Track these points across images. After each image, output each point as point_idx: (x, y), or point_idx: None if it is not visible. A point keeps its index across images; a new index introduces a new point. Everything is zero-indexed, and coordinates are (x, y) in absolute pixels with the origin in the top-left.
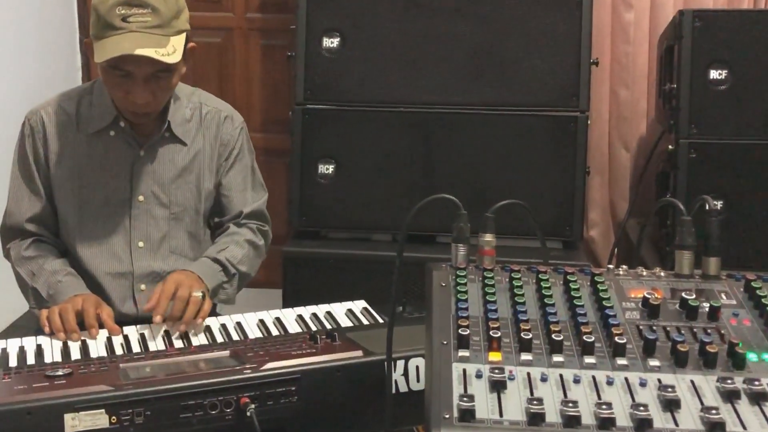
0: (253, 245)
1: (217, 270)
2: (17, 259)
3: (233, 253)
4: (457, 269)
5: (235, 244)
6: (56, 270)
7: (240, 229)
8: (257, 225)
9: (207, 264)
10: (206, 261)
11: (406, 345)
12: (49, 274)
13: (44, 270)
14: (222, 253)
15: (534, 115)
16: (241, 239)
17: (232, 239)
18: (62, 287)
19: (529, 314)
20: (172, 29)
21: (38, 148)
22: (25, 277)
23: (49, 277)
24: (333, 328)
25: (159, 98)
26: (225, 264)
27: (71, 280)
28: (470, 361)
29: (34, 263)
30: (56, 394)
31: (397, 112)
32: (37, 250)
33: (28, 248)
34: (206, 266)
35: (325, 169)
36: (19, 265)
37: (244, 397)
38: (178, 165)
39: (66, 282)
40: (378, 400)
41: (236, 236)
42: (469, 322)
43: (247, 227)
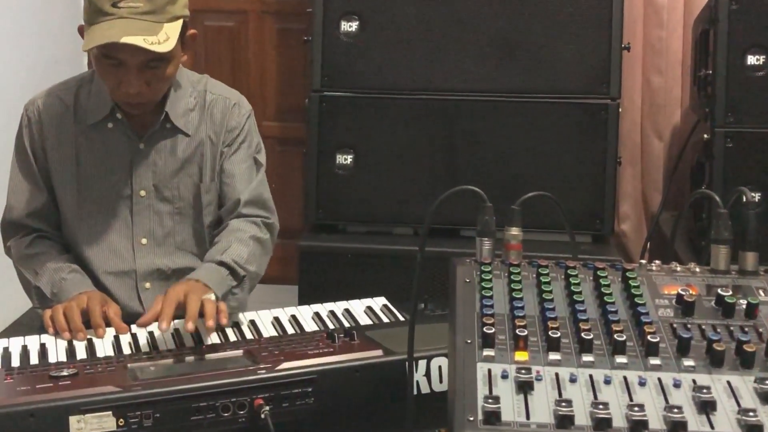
0: (258, 241)
1: (224, 274)
2: (19, 257)
3: (238, 252)
4: (482, 264)
5: (239, 242)
6: (60, 267)
7: (241, 224)
8: (261, 218)
9: (213, 269)
10: (211, 266)
11: (429, 344)
12: (53, 271)
13: (47, 268)
14: (227, 255)
15: (562, 102)
16: (245, 236)
17: (235, 237)
18: (66, 285)
19: (558, 312)
20: (166, 15)
21: (35, 140)
22: (27, 275)
23: (53, 275)
24: (351, 327)
25: (154, 88)
26: (232, 266)
27: (76, 277)
28: (495, 360)
29: (36, 261)
30: (61, 396)
31: (419, 100)
32: (40, 247)
33: (30, 245)
34: (212, 272)
35: (343, 160)
36: (21, 263)
37: (259, 398)
38: (180, 157)
39: (70, 279)
40: (399, 401)
41: (239, 233)
42: (494, 320)
43: (250, 221)
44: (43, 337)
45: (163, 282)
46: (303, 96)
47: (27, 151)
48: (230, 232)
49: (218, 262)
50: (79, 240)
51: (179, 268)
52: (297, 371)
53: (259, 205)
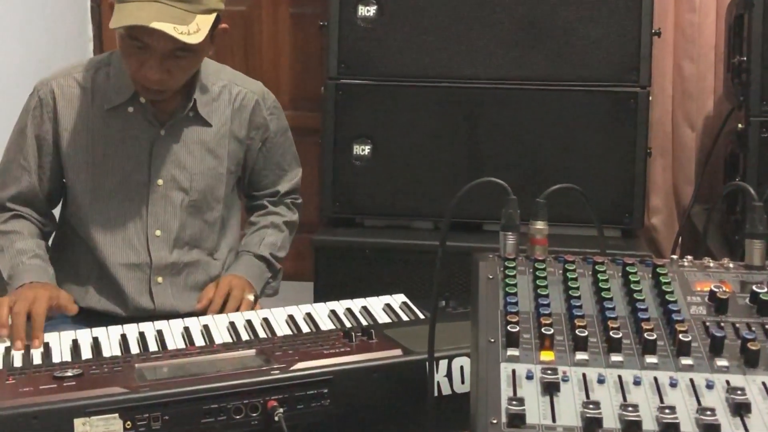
0: (290, 225)
1: (263, 269)
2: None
3: (274, 240)
4: (506, 260)
5: (275, 228)
6: (23, 249)
7: (277, 209)
8: (292, 199)
9: (255, 265)
10: (251, 260)
11: (450, 343)
12: (15, 253)
13: (13, 248)
14: (264, 247)
15: (590, 90)
16: (280, 221)
17: (271, 221)
18: (21, 270)
19: (585, 309)
20: (201, 6)
21: (45, 123)
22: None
23: (14, 257)
24: (369, 325)
25: (175, 78)
26: (269, 260)
27: (35, 264)
28: (520, 360)
29: (6, 239)
30: (65, 397)
31: (440, 88)
32: (15, 225)
33: (6, 222)
34: (253, 267)
35: (361, 150)
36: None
37: (272, 400)
38: (202, 147)
39: (28, 265)
40: (419, 403)
41: (274, 217)
42: (518, 318)
43: (283, 204)
44: (46, 336)
45: (176, 277)
46: (318, 84)
47: (28, 133)
48: (266, 215)
49: (258, 256)
50: (92, 229)
51: (190, 263)
52: (312, 372)
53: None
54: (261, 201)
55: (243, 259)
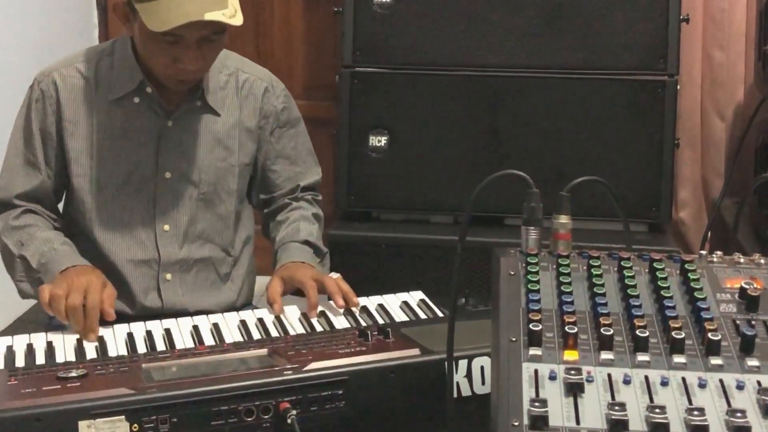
0: (318, 218)
1: (311, 253)
2: (5, 229)
3: (310, 231)
4: (528, 255)
5: (306, 221)
6: (49, 237)
7: (301, 203)
8: (312, 195)
9: (303, 249)
10: (298, 246)
11: (470, 342)
12: (42, 241)
13: (35, 237)
14: (303, 234)
15: (616, 79)
16: (308, 213)
17: (300, 215)
18: (56, 256)
19: (610, 307)
20: None
21: (48, 115)
22: (11, 246)
23: (42, 245)
24: (386, 323)
25: (209, 63)
26: (315, 244)
27: (67, 249)
28: (543, 360)
29: (23, 232)
30: (69, 398)
31: (459, 76)
32: (29, 219)
33: (18, 218)
34: (304, 252)
35: (377, 142)
36: (6, 235)
37: (284, 401)
38: (211, 138)
39: (61, 251)
40: (437, 405)
41: (301, 211)
42: (541, 316)
43: (305, 200)
44: (50, 335)
45: (185, 274)
46: (333, 72)
47: (33, 128)
48: (292, 210)
49: (302, 241)
50: (97, 225)
51: (201, 259)
52: (326, 372)
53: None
54: (281, 201)
55: (289, 248)
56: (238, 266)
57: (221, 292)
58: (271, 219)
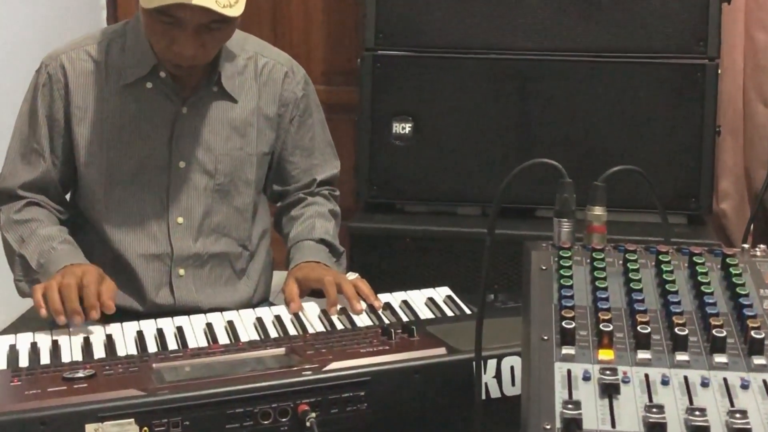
0: (335, 216)
1: (327, 252)
2: (6, 222)
3: (326, 228)
4: (561, 249)
5: (321, 218)
6: (50, 235)
7: (317, 199)
8: (329, 190)
9: (318, 249)
10: (312, 245)
11: (499, 341)
12: (42, 240)
13: (36, 235)
14: (318, 232)
15: (653, 63)
16: (324, 210)
17: (316, 211)
18: (55, 256)
19: (648, 303)
20: None
21: (55, 101)
22: (12, 243)
23: (41, 244)
24: (410, 321)
25: (209, 51)
26: (331, 243)
27: (68, 248)
28: (576, 360)
29: (25, 227)
30: (76, 400)
31: (488, 60)
32: (31, 213)
33: (21, 211)
34: (319, 252)
35: (401, 129)
36: (7, 229)
37: (303, 403)
38: (228, 126)
39: (61, 250)
40: (464, 407)
41: (317, 207)
42: (574, 313)
43: (321, 195)
44: (55, 334)
45: (199, 269)
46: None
47: (39, 114)
48: (307, 206)
49: (317, 239)
50: (107, 217)
51: (216, 254)
52: (347, 372)
53: (331, 183)
54: (296, 195)
55: (304, 246)
56: (254, 261)
57: (237, 289)
58: (284, 214)
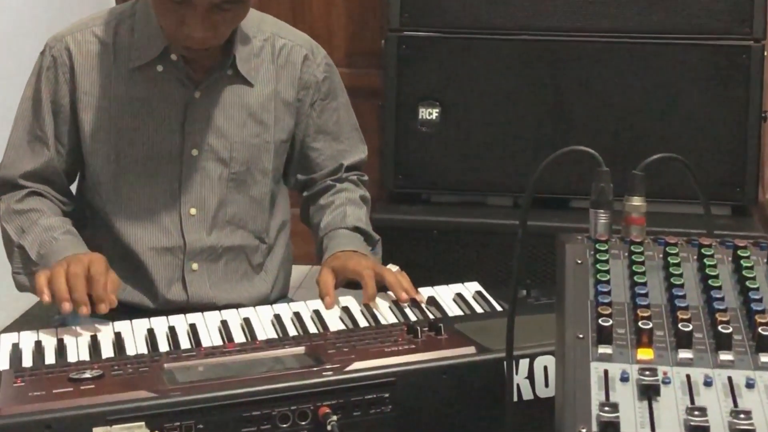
0: (366, 202)
1: (362, 240)
2: (6, 213)
3: (358, 215)
4: (597, 242)
5: (353, 204)
6: (52, 226)
7: (346, 185)
8: (357, 175)
9: (354, 237)
10: (347, 233)
11: (532, 339)
12: (43, 230)
13: (37, 225)
14: (351, 220)
15: (694, 44)
16: (355, 196)
17: (346, 197)
18: (57, 246)
19: (689, 300)
20: None
21: (61, 85)
22: (11, 233)
23: (42, 234)
24: (437, 318)
25: (221, 33)
26: (366, 231)
27: (70, 239)
28: (613, 359)
29: (25, 217)
30: (83, 402)
31: (520, 41)
32: (33, 203)
33: (22, 201)
34: (355, 240)
35: (428, 114)
36: (7, 219)
37: (324, 406)
38: (244, 111)
39: (63, 241)
40: (495, 409)
41: (347, 193)
42: (612, 310)
43: (349, 181)
44: (60, 332)
45: (213, 263)
46: (378, 37)
47: (43, 99)
48: (337, 193)
49: (351, 227)
50: (115, 208)
51: (231, 247)
52: (371, 373)
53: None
54: (323, 183)
55: (337, 235)
56: (272, 255)
57: (253, 284)
58: (311, 203)
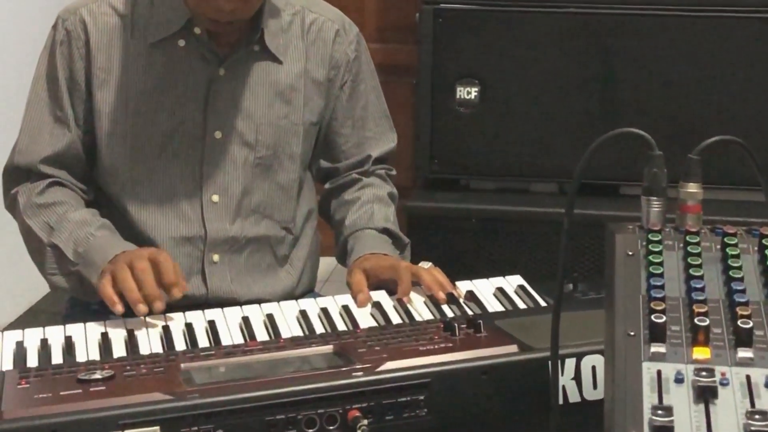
0: (394, 200)
1: (389, 242)
2: (28, 207)
3: (386, 215)
4: (649, 232)
5: (381, 203)
6: (85, 221)
7: (372, 179)
8: (385, 170)
9: (381, 239)
10: (374, 234)
11: (579, 337)
12: (76, 225)
13: (68, 220)
14: (378, 220)
15: (756, 17)
16: (383, 193)
17: (373, 194)
18: (96, 243)
19: (749, 295)
20: None
21: (75, 61)
22: (38, 231)
23: (76, 230)
24: (476, 315)
25: (251, 4)
26: (395, 233)
27: (107, 235)
28: (667, 359)
29: (51, 212)
30: (92, 406)
31: (565, 14)
32: (56, 195)
33: (43, 193)
34: (381, 242)
35: (466, 94)
36: (29, 215)
37: (354, 409)
38: (271, 90)
39: (102, 237)
40: (539, 413)
41: (374, 189)
42: (665, 306)
43: (376, 175)
44: (69, 328)
45: (236, 255)
46: (413, 9)
47: (59, 75)
48: (364, 189)
49: (380, 229)
50: (131, 195)
51: (255, 237)
52: (404, 374)
53: (386, 161)
54: (349, 176)
55: (364, 236)
56: (298, 246)
57: (278, 277)
58: (334, 196)
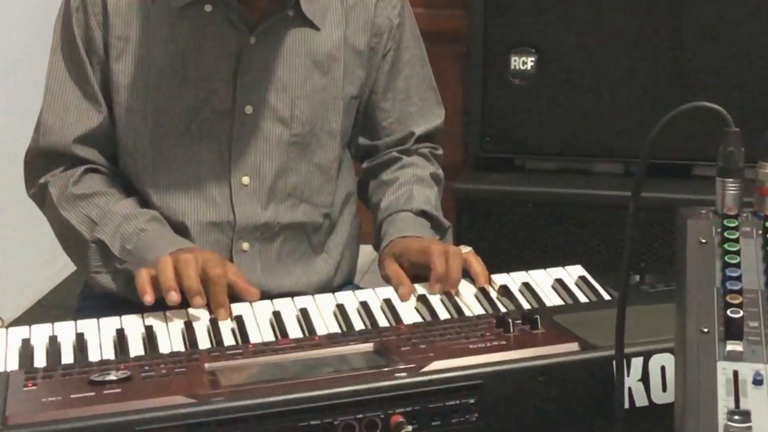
0: (436, 179)
1: (427, 226)
2: (63, 198)
3: (427, 197)
4: (725, 217)
5: (421, 183)
6: (131, 214)
7: (414, 158)
8: (429, 148)
9: (417, 222)
10: (410, 216)
11: (646, 335)
12: (122, 219)
13: (112, 213)
14: (418, 202)
15: None
16: (424, 173)
17: (414, 174)
18: (149, 239)
19: None
20: None
21: (93, 29)
22: (77, 224)
23: (123, 225)
24: (533, 309)
25: None
26: (433, 216)
27: (158, 229)
28: (744, 358)
29: (91, 204)
30: (107, 410)
31: None
32: (94, 185)
33: (80, 181)
34: (417, 225)
35: (521, 64)
36: (65, 206)
37: (397, 414)
38: (308, 60)
39: (152, 232)
40: (602, 417)
41: (415, 169)
42: (743, 299)
43: (419, 154)
44: (80, 324)
45: (267, 243)
46: None
47: (78, 48)
48: (403, 168)
49: (417, 211)
50: (152, 177)
51: (291, 224)
52: (453, 374)
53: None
54: (389, 154)
55: (399, 219)
56: (336, 233)
57: (313, 267)
58: (372, 176)
